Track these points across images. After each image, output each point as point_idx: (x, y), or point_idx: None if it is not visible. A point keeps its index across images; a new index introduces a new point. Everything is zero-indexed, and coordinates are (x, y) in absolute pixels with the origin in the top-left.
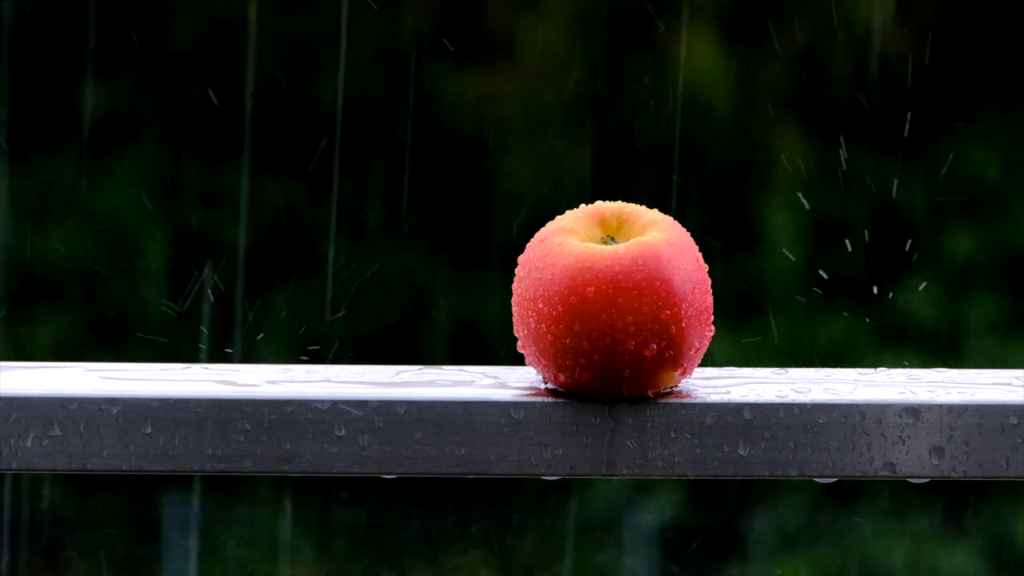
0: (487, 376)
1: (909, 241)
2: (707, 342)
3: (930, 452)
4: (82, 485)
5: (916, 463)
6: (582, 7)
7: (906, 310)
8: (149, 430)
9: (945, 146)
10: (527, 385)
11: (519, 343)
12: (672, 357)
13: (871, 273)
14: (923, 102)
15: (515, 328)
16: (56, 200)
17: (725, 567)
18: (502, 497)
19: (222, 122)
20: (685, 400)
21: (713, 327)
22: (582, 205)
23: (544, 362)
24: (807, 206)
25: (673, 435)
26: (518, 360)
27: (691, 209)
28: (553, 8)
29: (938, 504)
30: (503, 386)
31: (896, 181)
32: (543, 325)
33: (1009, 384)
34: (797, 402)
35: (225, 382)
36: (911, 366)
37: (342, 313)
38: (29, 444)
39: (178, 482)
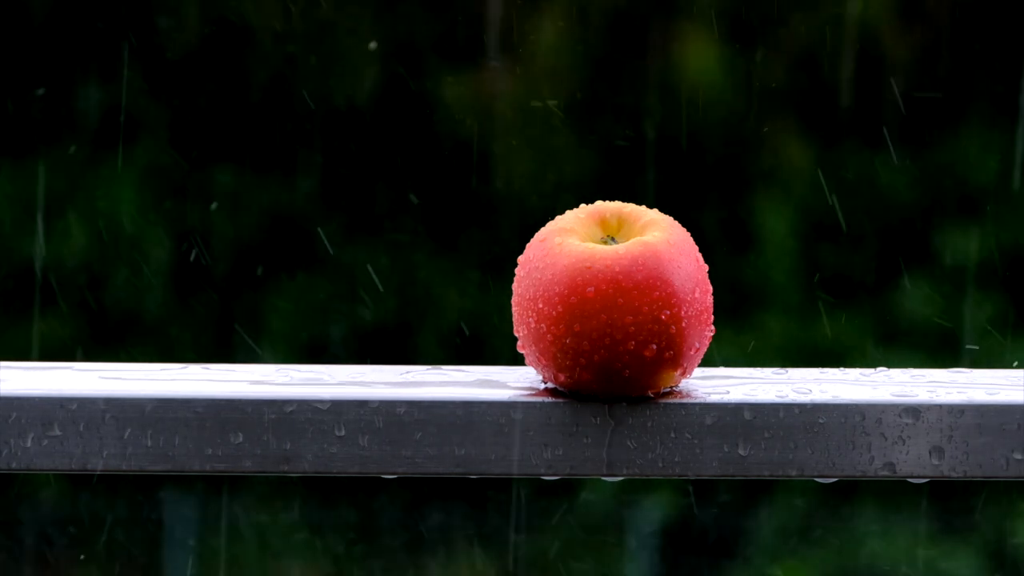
0: (487, 376)
1: (909, 241)
2: (707, 342)
3: (930, 452)
4: (82, 485)
5: (916, 463)
6: (582, 7)
7: (906, 310)
8: (149, 430)
9: (945, 145)
10: (527, 385)
11: (519, 343)
12: (672, 357)
13: (870, 273)
14: (923, 101)
15: (515, 328)
16: (56, 200)
17: (725, 567)
18: (501, 497)
19: (222, 121)
20: (685, 400)
21: (713, 327)
22: (582, 205)
23: (544, 362)
24: (806, 206)
25: (673, 435)
26: (518, 360)
27: (691, 209)
28: (553, 8)
29: (938, 504)
30: (503, 386)
31: (895, 181)
32: (543, 325)
33: (1009, 384)
34: (797, 402)
35: (225, 382)
36: (911, 366)
37: (342, 313)
38: (29, 444)
39: (178, 482)
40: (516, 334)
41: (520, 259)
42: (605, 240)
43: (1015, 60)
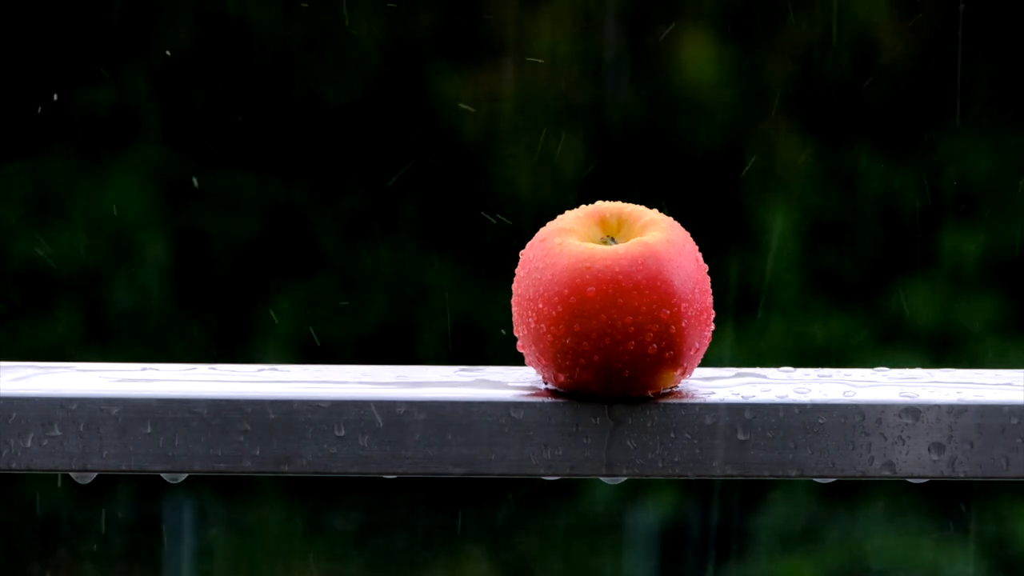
0: (487, 376)
1: (909, 241)
2: (707, 342)
3: (930, 452)
4: (82, 485)
5: (916, 463)
6: (582, 7)
7: (906, 310)
8: (149, 430)
9: (945, 145)
10: (527, 385)
11: (519, 343)
12: (672, 357)
13: (870, 273)
14: (923, 101)
15: (515, 328)
16: (56, 200)
17: (725, 567)
18: (501, 497)
19: (222, 121)
20: (685, 400)
21: (713, 326)
22: (582, 205)
23: (544, 362)
24: (806, 206)
25: (673, 435)
26: (518, 360)
27: (690, 209)
28: (553, 8)
29: (938, 504)
30: (503, 386)
31: (895, 180)
32: (543, 325)
33: (1009, 384)
34: (797, 402)
35: (225, 382)
36: (911, 366)
37: (342, 313)
38: (29, 444)
39: (178, 482)
40: (516, 334)
41: (520, 259)
42: (605, 240)
43: (1016, 57)
